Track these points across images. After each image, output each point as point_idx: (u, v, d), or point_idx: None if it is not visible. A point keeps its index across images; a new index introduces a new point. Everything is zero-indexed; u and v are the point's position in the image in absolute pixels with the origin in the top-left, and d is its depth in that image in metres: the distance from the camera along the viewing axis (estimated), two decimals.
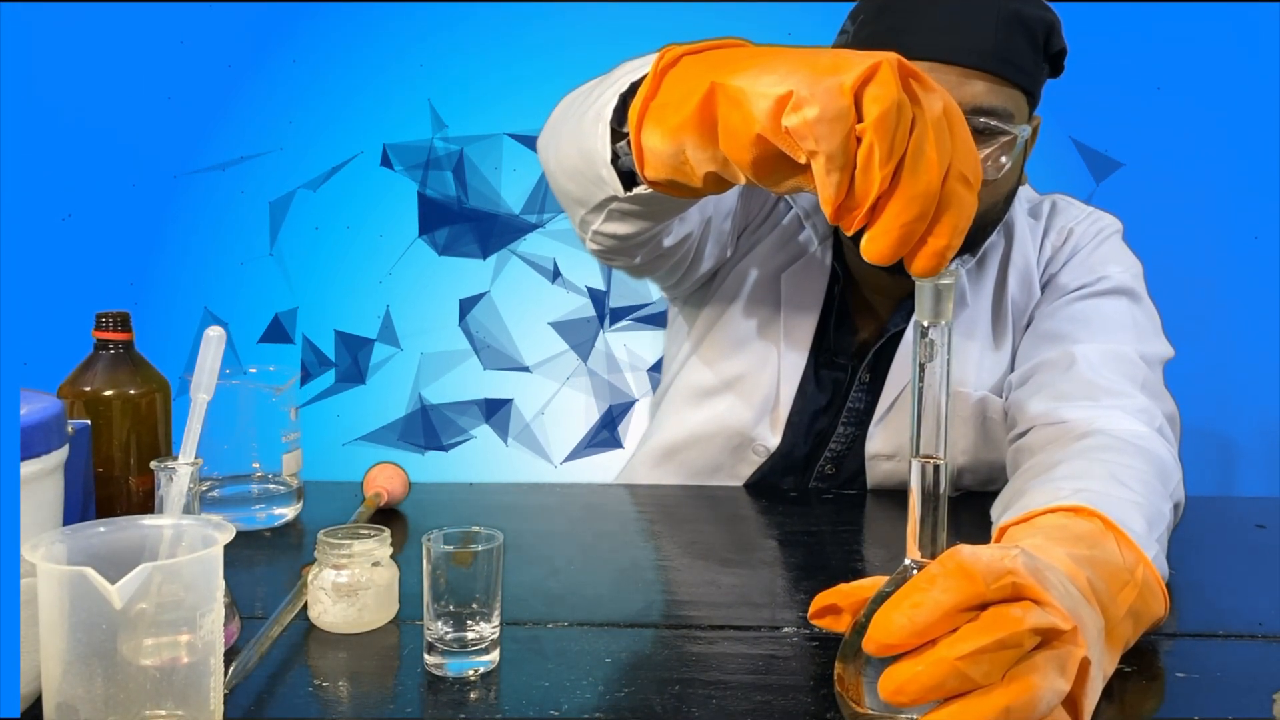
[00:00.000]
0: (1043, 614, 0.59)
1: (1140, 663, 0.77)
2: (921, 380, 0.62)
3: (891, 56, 0.58)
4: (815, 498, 1.25)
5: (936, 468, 0.62)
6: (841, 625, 0.70)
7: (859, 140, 0.58)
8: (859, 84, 0.58)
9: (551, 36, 2.71)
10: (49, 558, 0.59)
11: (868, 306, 1.33)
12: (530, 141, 2.76)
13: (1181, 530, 0.97)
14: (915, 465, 0.63)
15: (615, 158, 0.85)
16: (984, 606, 0.59)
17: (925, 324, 0.62)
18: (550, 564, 1.00)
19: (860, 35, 1.16)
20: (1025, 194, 1.34)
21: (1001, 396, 1.25)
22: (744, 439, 1.33)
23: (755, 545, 1.06)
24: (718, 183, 0.71)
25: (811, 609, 0.72)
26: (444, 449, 2.83)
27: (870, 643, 0.59)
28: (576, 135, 0.90)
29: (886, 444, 1.29)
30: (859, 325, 1.33)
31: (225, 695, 0.67)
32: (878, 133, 0.57)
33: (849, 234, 0.61)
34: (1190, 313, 2.59)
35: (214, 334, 0.77)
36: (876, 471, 1.30)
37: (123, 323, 1.04)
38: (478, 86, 2.75)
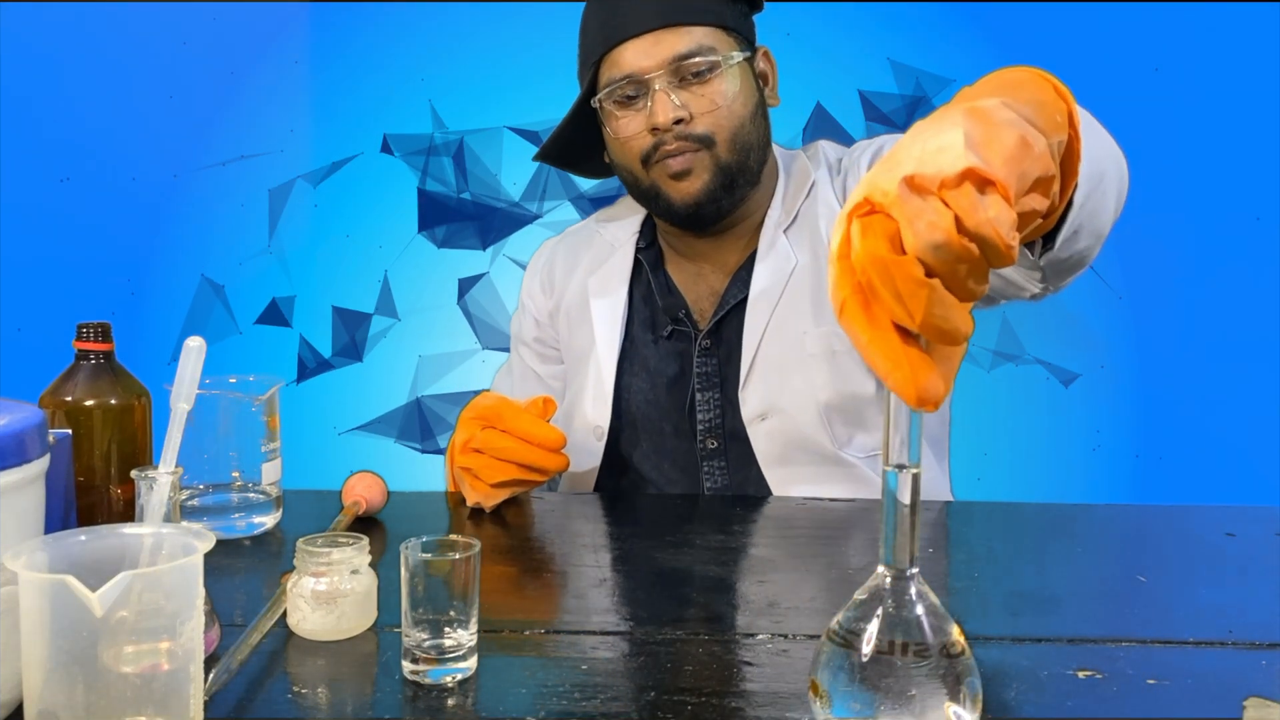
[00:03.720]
0: None
1: (1111, 670, 0.78)
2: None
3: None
4: (788, 506, 1.26)
5: (913, 476, 0.64)
6: None
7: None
8: None
9: (551, 33, 2.71)
10: (30, 566, 0.59)
11: (698, 277, 1.41)
12: (529, 135, 2.77)
13: (1152, 538, 0.98)
14: (887, 473, 0.64)
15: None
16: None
17: None
18: (527, 572, 1.01)
19: (582, 44, 1.34)
20: (835, 151, 1.43)
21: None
22: (589, 426, 1.41)
23: (730, 553, 1.07)
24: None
25: None
26: (440, 453, 2.83)
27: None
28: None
29: (759, 405, 1.32)
30: (689, 296, 1.41)
31: (205, 702, 0.67)
32: None
33: None
34: (1184, 309, 2.60)
35: (194, 344, 0.77)
36: (759, 436, 1.33)
37: (103, 333, 1.04)
38: (478, 84, 2.75)
